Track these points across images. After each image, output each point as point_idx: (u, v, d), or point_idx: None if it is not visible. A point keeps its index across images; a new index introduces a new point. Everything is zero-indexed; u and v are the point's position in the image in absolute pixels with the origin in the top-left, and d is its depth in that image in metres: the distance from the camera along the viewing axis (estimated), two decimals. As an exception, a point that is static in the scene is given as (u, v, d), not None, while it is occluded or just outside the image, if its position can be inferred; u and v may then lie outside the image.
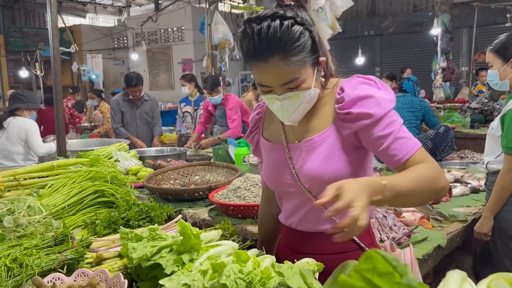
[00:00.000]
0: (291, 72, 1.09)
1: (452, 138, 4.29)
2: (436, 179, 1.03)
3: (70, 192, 1.48)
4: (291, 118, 1.17)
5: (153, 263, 1.02)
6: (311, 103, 1.18)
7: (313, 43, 1.11)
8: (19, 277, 0.96)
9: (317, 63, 1.14)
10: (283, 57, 1.07)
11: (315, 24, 1.16)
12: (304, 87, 1.13)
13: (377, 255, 0.43)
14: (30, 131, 3.61)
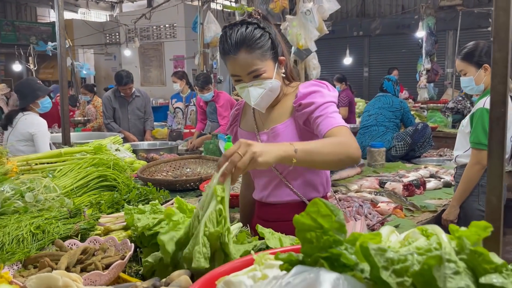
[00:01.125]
0: (254, 63, 1.43)
1: (430, 134, 4.54)
2: (346, 145, 1.27)
3: (77, 176, 1.66)
4: (257, 102, 1.48)
5: (154, 232, 1.21)
6: (274, 93, 1.50)
7: (272, 43, 1.45)
8: (42, 241, 1.14)
9: (276, 59, 1.48)
10: (248, 51, 1.42)
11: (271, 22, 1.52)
12: (266, 76, 1.45)
13: (320, 202, 0.63)
14: (38, 136, 3.44)
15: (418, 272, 0.55)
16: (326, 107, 1.40)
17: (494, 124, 0.92)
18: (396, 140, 4.43)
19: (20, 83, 3.75)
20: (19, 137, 3.51)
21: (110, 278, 1.02)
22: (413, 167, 3.92)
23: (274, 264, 0.68)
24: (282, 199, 1.57)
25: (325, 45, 10.02)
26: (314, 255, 0.61)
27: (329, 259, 0.60)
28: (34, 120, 3.51)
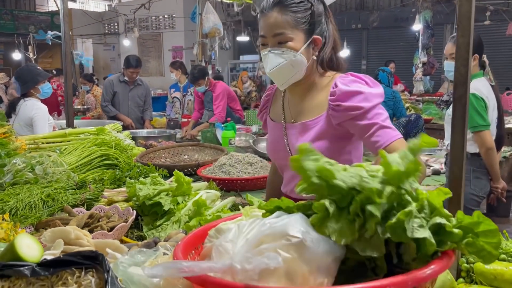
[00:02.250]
0: (282, 25, 1.33)
1: (422, 125, 4.65)
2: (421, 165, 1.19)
3: (81, 154, 1.77)
4: (273, 71, 1.36)
5: (154, 202, 1.33)
6: (296, 69, 1.36)
7: (312, 16, 1.35)
8: (52, 208, 1.26)
9: (310, 34, 1.36)
10: (281, 11, 1.33)
11: (330, 12, 1.42)
12: (291, 46, 1.33)
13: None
14: (37, 119, 3.47)
15: (393, 224, 0.65)
16: (376, 114, 1.27)
17: (457, 101, 1.03)
18: (389, 130, 4.55)
19: (20, 69, 3.77)
20: (22, 124, 3.50)
21: (114, 239, 1.13)
22: (404, 156, 4.03)
23: (259, 215, 0.79)
24: (301, 195, 1.51)
25: (323, 37, 10.05)
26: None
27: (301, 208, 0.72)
28: (35, 104, 3.55)
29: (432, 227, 0.66)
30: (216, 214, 1.19)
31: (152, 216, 1.34)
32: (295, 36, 1.34)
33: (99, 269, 0.80)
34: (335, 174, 0.66)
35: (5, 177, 1.29)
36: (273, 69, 1.36)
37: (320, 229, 0.64)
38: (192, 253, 0.81)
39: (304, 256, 0.59)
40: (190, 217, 1.26)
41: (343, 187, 0.65)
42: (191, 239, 0.81)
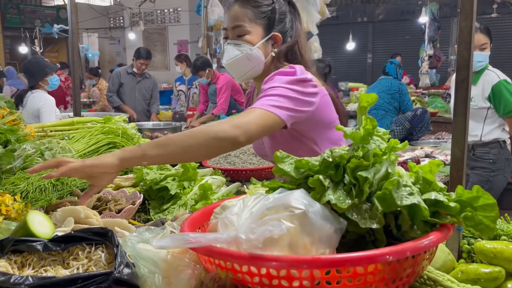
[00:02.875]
0: (242, 18, 1.37)
1: (428, 119, 4.64)
2: (212, 126, 1.16)
3: (88, 142, 1.80)
4: (229, 63, 1.40)
5: (161, 186, 1.36)
6: (253, 63, 1.39)
7: (272, 12, 1.39)
8: (61, 191, 1.29)
9: (269, 30, 1.39)
10: (242, 5, 1.38)
11: (299, 14, 1.47)
12: (248, 39, 1.37)
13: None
14: (44, 110, 3.48)
15: (381, 195, 0.68)
16: (269, 90, 1.28)
17: (459, 85, 1.04)
18: (395, 124, 4.53)
19: (28, 62, 3.81)
20: (29, 115, 3.48)
21: (122, 221, 1.16)
22: (410, 148, 4.04)
23: (262, 192, 0.82)
24: None
25: (329, 31, 10.07)
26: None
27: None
28: (42, 96, 3.58)
29: (429, 200, 0.68)
30: (221, 199, 1.21)
31: (159, 200, 1.36)
32: (253, 30, 1.38)
33: (108, 244, 0.83)
34: (309, 161, 0.70)
35: (15, 162, 1.32)
36: (229, 60, 1.40)
37: (320, 201, 0.66)
38: (198, 230, 0.83)
39: (307, 227, 0.62)
40: (196, 201, 1.29)
41: (317, 165, 0.69)
42: (197, 217, 0.84)
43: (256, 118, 1.20)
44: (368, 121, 0.73)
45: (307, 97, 1.30)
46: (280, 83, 1.28)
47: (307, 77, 1.32)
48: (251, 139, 1.20)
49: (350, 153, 0.70)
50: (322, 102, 1.37)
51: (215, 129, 1.15)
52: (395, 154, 0.75)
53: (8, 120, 1.65)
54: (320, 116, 1.38)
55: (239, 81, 1.48)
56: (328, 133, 1.44)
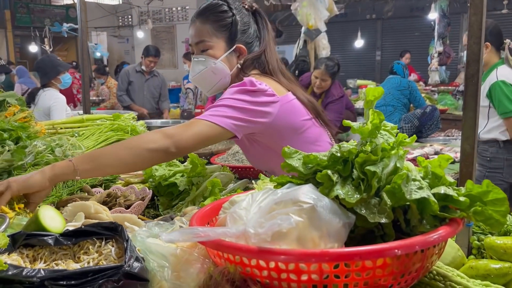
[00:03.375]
0: (203, 34, 1.40)
1: (438, 117, 4.60)
2: (149, 141, 1.16)
3: (98, 139, 1.81)
4: (195, 77, 1.44)
5: (170, 183, 1.36)
6: (218, 76, 1.41)
7: (232, 25, 1.41)
8: (71, 187, 1.30)
9: (232, 44, 1.42)
10: (203, 21, 1.40)
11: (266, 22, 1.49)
12: (211, 53, 1.40)
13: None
14: (54, 108, 3.53)
15: (390, 189, 0.68)
16: (217, 101, 1.32)
17: (469, 80, 1.03)
18: (403, 122, 4.50)
19: (41, 60, 3.87)
20: (41, 113, 3.56)
21: (132, 216, 1.17)
22: (419, 145, 4.01)
23: (271, 188, 0.82)
24: None
25: (337, 28, 10.03)
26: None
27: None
28: (53, 95, 3.62)
29: (438, 195, 0.68)
30: (230, 194, 1.21)
31: (168, 196, 1.37)
32: (216, 44, 1.40)
33: (118, 239, 0.84)
34: (317, 156, 0.71)
35: (26, 158, 1.33)
36: (195, 76, 1.43)
37: (329, 196, 0.66)
38: (206, 225, 0.84)
39: (315, 221, 0.62)
40: (205, 197, 1.29)
41: (325, 160, 0.70)
42: (206, 212, 0.84)
43: (191, 128, 1.22)
44: (376, 115, 0.73)
45: (258, 107, 1.31)
46: (229, 94, 1.31)
47: (259, 88, 1.32)
48: (183, 149, 1.21)
49: (358, 148, 0.70)
50: (284, 110, 1.37)
51: (147, 140, 1.16)
52: (404, 149, 0.75)
53: (19, 117, 1.67)
54: (285, 123, 1.39)
55: (208, 94, 1.53)
56: (301, 137, 1.44)
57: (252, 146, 1.47)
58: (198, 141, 1.23)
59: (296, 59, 5.07)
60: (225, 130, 1.24)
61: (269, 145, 1.44)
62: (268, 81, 1.40)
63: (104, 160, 1.13)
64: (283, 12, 10.36)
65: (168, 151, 1.17)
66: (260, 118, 1.31)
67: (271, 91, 1.35)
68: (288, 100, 1.41)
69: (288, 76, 1.53)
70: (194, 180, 1.38)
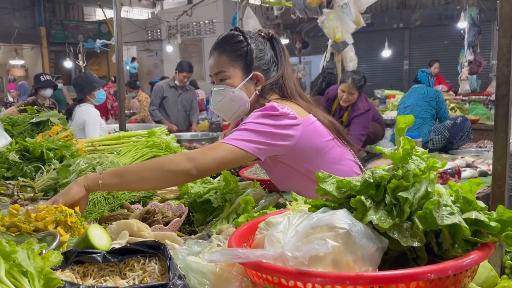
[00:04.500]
0: (221, 65, 1.48)
1: (469, 128, 4.50)
2: (166, 160, 1.27)
3: (134, 156, 1.90)
4: (216, 107, 1.52)
5: (204, 199, 1.42)
6: (237, 103, 1.48)
7: (248, 54, 1.47)
8: (112, 204, 1.38)
9: (249, 72, 1.48)
10: (220, 52, 1.49)
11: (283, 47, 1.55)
12: (229, 83, 1.47)
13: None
14: (88, 122, 3.69)
15: (422, 214, 0.70)
16: (240, 125, 1.37)
17: (500, 102, 1.05)
18: (433, 133, 4.42)
19: (78, 77, 4.10)
20: (76, 128, 3.78)
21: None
22: (450, 157, 3.95)
23: (304, 209, 0.86)
24: None
25: (364, 38, 10.00)
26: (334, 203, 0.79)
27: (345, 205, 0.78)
28: (88, 110, 3.80)
29: (469, 220, 0.70)
30: (262, 211, 1.25)
31: (202, 212, 1.43)
32: (233, 73, 1.47)
33: (161, 257, 0.89)
34: (351, 181, 0.74)
35: (70, 176, 1.42)
36: (216, 105, 1.51)
37: (362, 221, 0.69)
38: (244, 244, 0.88)
39: (350, 246, 0.65)
40: (238, 214, 1.34)
41: (358, 185, 0.74)
42: (243, 232, 0.89)
43: (213, 152, 1.28)
44: (407, 142, 0.76)
45: (281, 130, 1.35)
46: (251, 118, 1.36)
47: (281, 111, 1.37)
48: (204, 172, 1.28)
49: (390, 173, 0.73)
50: (306, 132, 1.41)
51: (170, 162, 1.24)
52: (435, 173, 0.77)
53: (62, 136, 1.78)
54: (308, 145, 1.42)
55: (230, 121, 1.64)
56: (325, 157, 1.47)
57: (275, 167, 1.52)
58: (219, 165, 1.30)
59: (323, 72, 5.10)
60: (247, 154, 1.31)
61: (292, 166, 1.48)
62: (289, 104, 1.45)
63: (129, 178, 1.22)
64: (309, 23, 10.42)
65: (189, 174, 1.25)
66: (283, 141, 1.36)
67: (293, 114, 1.40)
68: (310, 122, 1.45)
69: (307, 98, 1.58)
70: (227, 196, 1.43)
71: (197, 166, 1.24)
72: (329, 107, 4.11)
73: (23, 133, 1.78)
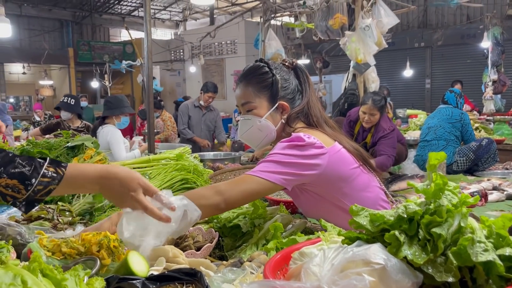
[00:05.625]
0: (247, 96, 1.53)
1: (495, 150, 4.42)
2: (203, 198, 1.28)
3: (163, 179, 1.96)
4: (243, 136, 1.57)
5: (234, 224, 1.45)
6: (264, 132, 1.53)
7: (273, 84, 1.52)
8: (145, 228, 1.42)
9: (274, 102, 1.52)
10: (246, 83, 1.54)
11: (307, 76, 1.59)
12: (256, 113, 1.52)
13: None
14: (112, 142, 3.78)
15: (456, 250, 0.72)
16: (267, 157, 1.40)
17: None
18: (458, 155, 4.35)
19: (113, 96, 4.26)
20: (101, 148, 3.87)
21: (201, 258, 1.26)
22: (475, 179, 3.89)
23: (337, 240, 0.88)
24: None
25: (385, 57, 10.00)
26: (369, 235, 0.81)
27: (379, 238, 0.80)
28: (109, 130, 3.90)
29: (503, 256, 0.71)
30: (291, 238, 1.28)
31: (232, 237, 1.46)
32: (259, 103, 1.52)
33: (197, 284, 0.92)
34: (384, 215, 0.76)
35: (105, 200, 1.47)
36: (243, 134, 1.56)
37: (397, 256, 0.71)
38: (278, 273, 0.91)
39: (386, 281, 0.67)
40: (268, 240, 1.36)
41: (392, 219, 0.76)
42: (277, 261, 0.91)
43: (241, 185, 1.33)
44: (439, 177, 0.78)
45: (307, 160, 1.38)
46: (278, 150, 1.40)
47: (308, 141, 1.40)
48: (232, 205, 1.34)
49: (423, 208, 0.76)
50: (333, 160, 1.43)
51: (200, 195, 1.28)
52: (467, 208, 0.79)
53: (96, 160, 1.84)
54: (335, 173, 1.45)
55: (257, 150, 1.67)
56: (352, 185, 1.49)
57: (302, 195, 1.54)
58: (247, 197, 1.36)
59: (345, 92, 5.12)
60: (275, 185, 1.35)
61: (319, 194, 1.50)
62: (315, 133, 1.48)
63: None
64: (330, 43, 10.51)
65: (218, 207, 1.31)
66: (310, 171, 1.39)
67: (320, 143, 1.42)
68: (336, 150, 1.47)
69: (332, 125, 1.60)
70: (256, 221, 1.46)
71: (226, 200, 1.30)
72: (352, 130, 4.11)
73: (59, 157, 1.86)
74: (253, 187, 1.34)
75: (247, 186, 1.33)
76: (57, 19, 15.14)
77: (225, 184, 1.35)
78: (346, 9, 5.07)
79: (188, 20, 17.17)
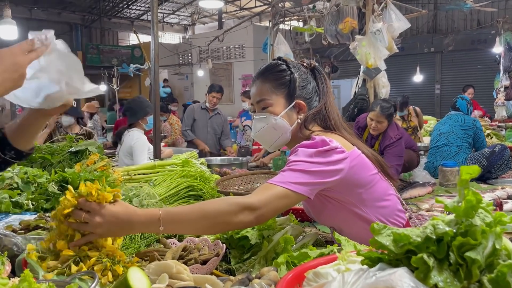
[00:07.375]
0: (263, 93, 1.47)
1: (508, 157, 4.32)
2: (227, 214, 1.18)
3: (169, 186, 1.89)
4: (257, 134, 1.50)
5: (241, 236, 1.38)
6: (279, 132, 1.45)
7: (291, 82, 1.46)
8: (148, 239, 1.36)
9: (291, 99, 1.46)
10: (263, 80, 1.48)
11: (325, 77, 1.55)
12: (272, 111, 1.45)
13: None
14: (135, 148, 3.67)
15: (494, 278, 0.64)
16: (292, 164, 1.30)
17: None
18: (470, 161, 4.25)
19: (132, 101, 4.12)
20: (125, 152, 3.78)
21: (207, 272, 1.19)
22: (489, 188, 3.78)
23: (356, 260, 0.80)
24: None
25: (395, 62, 9.90)
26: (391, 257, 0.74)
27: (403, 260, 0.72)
28: (135, 135, 3.78)
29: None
30: (302, 252, 1.20)
31: (239, 249, 1.39)
32: (275, 101, 1.45)
33: (203, 305, 0.85)
34: (409, 235, 0.69)
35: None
36: (257, 132, 1.49)
37: (426, 283, 0.64)
38: (290, 294, 0.84)
39: (414, 311, 0.60)
40: (277, 253, 1.29)
41: (418, 240, 0.68)
42: (289, 281, 0.84)
43: (272, 200, 1.23)
44: (471, 194, 0.70)
45: (331, 166, 1.32)
46: (303, 156, 1.31)
47: (331, 146, 1.33)
48: (264, 221, 1.29)
49: (453, 228, 0.68)
50: (353, 165, 1.37)
51: (226, 211, 1.18)
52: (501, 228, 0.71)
53: (99, 166, 1.79)
54: (354, 179, 1.38)
55: (270, 150, 1.59)
56: (370, 192, 1.42)
57: (319, 201, 1.46)
58: (277, 212, 1.31)
59: (355, 98, 5.04)
60: (302, 196, 1.28)
61: (338, 199, 1.43)
62: (335, 137, 1.41)
63: (185, 227, 1.22)
64: (338, 48, 10.43)
65: (249, 225, 1.26)
66: (333, 177, 1.33)
67: (341, 147, 1.36)
68: (356, 155, 1.41)
69: (350, 131, 1.54)
70: (265, 233, 1.39)
71: (257, 218, 1.22)
72: (360, 137, 4.03)
73: (62, 162, 1.81)
74: (286, 203, 1.27)
75: (280, 202, 1.25)
76: (66, 23, 15.23)
77: (253, 198, 1.23)
78: (357, 13, 4.98)
79: (196, 24, 17.21)
